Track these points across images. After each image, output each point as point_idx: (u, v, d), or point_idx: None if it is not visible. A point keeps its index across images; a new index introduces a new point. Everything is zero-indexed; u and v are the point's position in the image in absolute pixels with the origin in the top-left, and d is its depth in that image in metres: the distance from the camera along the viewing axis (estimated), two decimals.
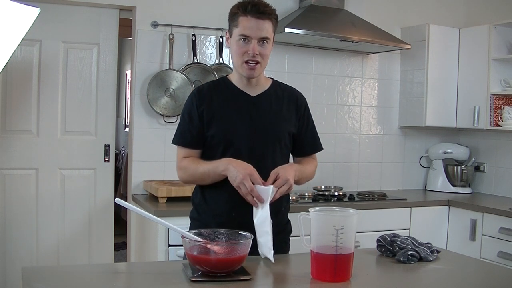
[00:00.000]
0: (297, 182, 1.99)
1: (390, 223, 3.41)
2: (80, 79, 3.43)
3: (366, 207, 3.43)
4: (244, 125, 1.97)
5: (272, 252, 1.75)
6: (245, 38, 1.91)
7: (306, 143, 2.12)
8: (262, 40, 1.91)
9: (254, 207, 1.82)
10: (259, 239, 1.79)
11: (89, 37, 3.43)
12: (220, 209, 1.97)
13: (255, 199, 1.80)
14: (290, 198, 3.25)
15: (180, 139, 2.03)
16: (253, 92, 2.02)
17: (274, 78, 2.14)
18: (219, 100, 2.00)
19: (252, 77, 1.97)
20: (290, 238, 2.12)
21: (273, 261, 1.74)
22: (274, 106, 2.03)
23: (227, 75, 2.10)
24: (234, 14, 1.94)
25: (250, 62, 1.93)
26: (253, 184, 1.80)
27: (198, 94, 2.02)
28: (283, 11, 3.68)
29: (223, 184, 1.91)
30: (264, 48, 1.93)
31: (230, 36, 1.97)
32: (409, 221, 3.55)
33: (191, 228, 2.03)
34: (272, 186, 1.80)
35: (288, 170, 1.88)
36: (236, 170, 1.82)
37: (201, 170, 1.94)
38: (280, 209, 2.05)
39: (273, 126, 2.01)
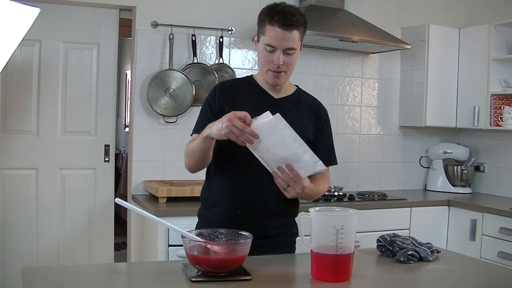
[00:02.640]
0: (306, 197, 1.96)
1: (390, 223, 3.41)
2: (80, 79, 3.43)
3: (366, 207, 3.43)
4: None
5: (320, 161, 1.75)
6: (271, 47, 1.88)
7: (319, 154, 2.06)
8: (288, 50, 1.89)
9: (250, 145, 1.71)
10: (300, 161, 1.73)
11: (89, 37, 3.43)
12: (225, 206, 1.97)
13: (249, 136, 1.69)
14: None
15: (198, 128, 1.96)
16: (277, 94, 2.02)
17: (299, 86, 2.12)
18: (241, 97, 2.00)
19: (277, 84, 1.97)
20: None
21: (323, 168, 1.78)
22: (294, 111, 2.01)
23: (252, 74, 2.09)
24: (262, 21, 1.91)
25: (275, 71, 1.91)
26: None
27: (221, 87, 2.02)
28: None
29: (230, 181, 1.92)
30: (290, 58, 1.90)
31: (258, 41, 1.95)
32: (409, 221, 3.55)
33: (198, 225, 2.05)
34: (268, 111, 1.72)
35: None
36: (218, 121, 1.74)
37: (190, 145, 1.92)
38: (288, 214, 2.05)
39: None
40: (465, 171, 4.03)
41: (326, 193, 3.55)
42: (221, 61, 3.57)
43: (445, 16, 4.22)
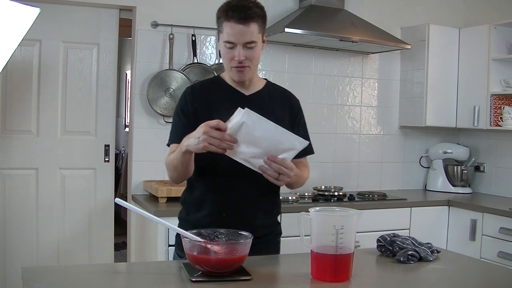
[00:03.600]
0: (290, 185, 1.98)
1: (390, 223, 3.41)
2: (80, 79, 3.43)
3: (366, 207, 3.43)
4: None
5: (299, 137, 1.76)
6: (230, 44, 1.87)
7: None
8: (248, 44, 1.86)
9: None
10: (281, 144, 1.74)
11: (89, 37, 3.43)
12: (209, 209, 1.94)
13: (229, 143, 1.69)
14: (290, 198, 3.27)
15: (175, 137, 1.97)
16: (247, 91, 2.00)
17: (268, 79, 2.11)
18: (212, 98, 1.98)
19: (242, 80, 1.95)
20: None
21: (305, 144, 1.77)
22: (267, 105, 2.00)
23: (220, 74, 2.07)
24: (219, 18, 1.89)
25: (238, 67, 1.90)
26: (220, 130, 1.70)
27: (191, 91, 2.00)
28: (283, 11, 3.68)
29: (213, 183, 1.91)
30: (251, 52, 1.88)
31: (219, 40, 1.93)
32: (409, 221, 3.55)
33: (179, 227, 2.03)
34: (239, 108, 1.72)
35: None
36: (193, 135, 1.74)
37: (170, 158, 1.92)
38: (271, 211, 2.04)
39: None
40: (465, 171, 4.03)
41: (326, 193, 3.55)
42: (221, 61, 3.57)
43: (445, 16, 4.22)
